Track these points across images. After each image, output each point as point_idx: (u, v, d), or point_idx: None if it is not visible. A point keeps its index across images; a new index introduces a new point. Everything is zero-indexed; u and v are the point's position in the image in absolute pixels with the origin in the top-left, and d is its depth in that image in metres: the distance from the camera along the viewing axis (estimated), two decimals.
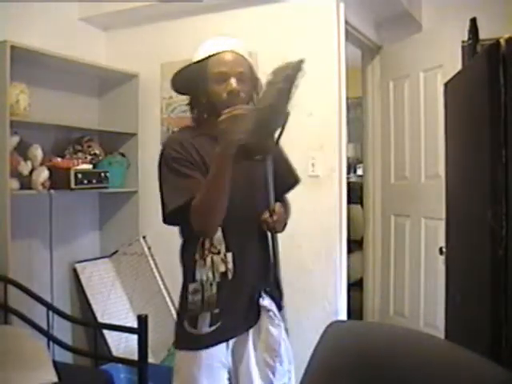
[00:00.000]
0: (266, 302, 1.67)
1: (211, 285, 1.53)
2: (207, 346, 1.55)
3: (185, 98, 1.71)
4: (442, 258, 2.34)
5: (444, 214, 2.14)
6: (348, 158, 3.18)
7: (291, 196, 2.66)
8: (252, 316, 1.64)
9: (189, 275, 1.56)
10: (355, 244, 3.80)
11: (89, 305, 2.81)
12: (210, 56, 1.56)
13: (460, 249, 1.91)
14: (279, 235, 1.74)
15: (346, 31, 2.67)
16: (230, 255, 1.56)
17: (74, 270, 2.90)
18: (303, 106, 2.60)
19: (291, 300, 2.66)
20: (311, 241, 2.58)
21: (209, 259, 1.53)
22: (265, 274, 1.68)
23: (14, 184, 2.39)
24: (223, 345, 1.58)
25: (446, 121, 2.15)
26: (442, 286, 2.25)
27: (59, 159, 2.63)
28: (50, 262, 2.69)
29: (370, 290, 3.50)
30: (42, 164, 2.54)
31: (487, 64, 1.45)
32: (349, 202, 2.73)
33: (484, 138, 1.48)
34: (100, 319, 2.77)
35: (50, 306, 2.37)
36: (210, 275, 1.53)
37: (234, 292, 1.58)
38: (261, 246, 1.68)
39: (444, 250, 2.21)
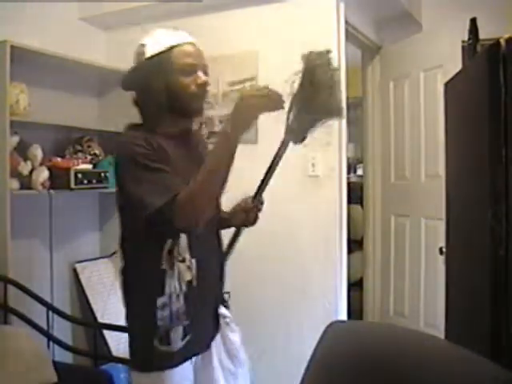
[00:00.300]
0: (222, 309, 1.64)
1: (178, 296, 1.43)
2: (180, 363, 1.44)
3: None
4: (442, 258, 2.34)
5: (444, 214, 2.14)
6: (348, 158, 3.18)
7: (291, 196, 2.68)
8: (214, 325, 1.58)
9: (155, 288, 1.41)
10: (355, 244, 3.80)
11: (89, 305, 2.81)
12: (171, 48, 1.45)
13: (460, 249, 1.91)
14: (280, 235, 1.74)
15: (346, 31, 2.67)
16: (194, 262, 1.45)
17: (74, 270, 2.90)
18: None
19: (291, 300, 2.68)
20: (311, 241, 2.58)
21: (176, 268, 1.42)
22: (222, 278, 1.62)
23: (14, 184, 2.39)
24: (189, 360, 1.49)
25: (446, 121, 2.15)
26: (442, 285, 2.25)
27: (59, 159, 2.63)
28: (50, 262, 2.69)
29: (369, 289, 3.50)
30: (41, 164, 2.53)
31: (487, 64, 1.45)
32: (349, 201, 2.73)
33: (484, 138, 1.48)
34: (100, 319, 2.77)
35: (50, 306, 2.37)
36: (177, 286, 1.43)
37: (200, 301, 1.49)
38: (218, 248, 1.61)
39: (444, 250, 2.21)
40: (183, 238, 1.42)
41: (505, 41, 1.38)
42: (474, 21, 2.05)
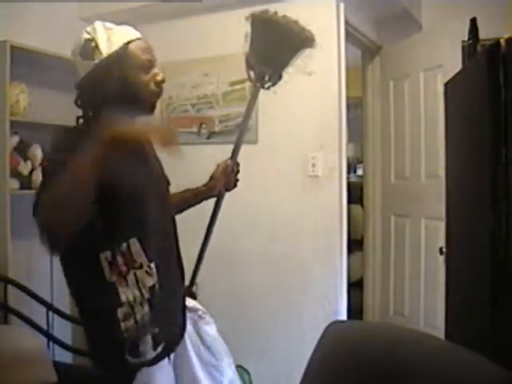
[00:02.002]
0: (192, 302, 1.62)
1: (141, 304, 1.35)
2: (156, 363, 1.38)
3: (188, 97, 1.58)
4: (442, 258, 2.34)
5: (444, 214, 2.14)
6: (348, 158, 3.18)
7: (291, 196, 2.68)
8: (184, 319, 1.54)
9: (110, 300, 1.33)
10: (355, 244, 3.79)
11: None
12: (127, 43, 1.40)
13: (460, 249, 1.91)
14: (280, 235, 1.74)
15: (346, 31, 2.67)
16: (153, 265, 1.38)
17: None
18: (303, 105, 2.61)
19: (291, 300, 2.68)
20: (311, 241, 2.58)
21: (131, 276, 1.34)
22: (183, 274, 1.57)
23: (14, 184, 2.39)
24: (167, 361, 1.43)
25: (446, 121, 2.15)
26: (442, 285, 2.25)
27: None
28: (50, 262, 2.69)
29: (369, 289, 3.50)
30: (41, 164, 2.53)
31: (487, 64, 1.45)
32: (349, 201, 2.73)
33: (484, 138, 1.48)
34: None
35: (50, 306, 2.37)
36: (138, 293, 1.35)
37: (167, 303, 1.42)
38: (177, 244, 1.55)
39: (444, 249, 2.21)
40: (134, 243, 1.34)
41: (505, 41, 1.38)
42: (474, 21, 2.05)
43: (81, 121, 1.50)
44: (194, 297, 1.69)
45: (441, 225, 2.39)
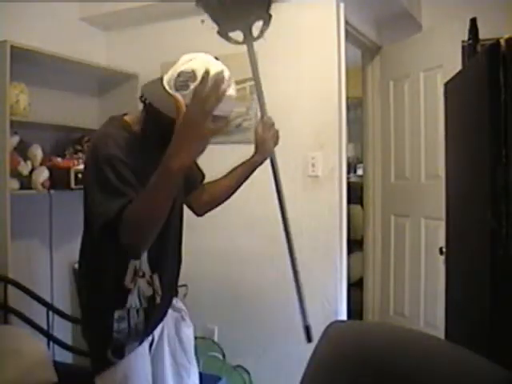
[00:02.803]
0: (179, 303, 1.63)
1: (138, 311, 1.41)
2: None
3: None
4: (442, 258, 2.34)
5: (444, 214, 2.14)
6: (348, 158, 3.18)
7: (291, 196, 2.67)
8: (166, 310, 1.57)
9: (116, 301, 1.39)
10: (355, 244, 3.79)
11: None
12: None
13: (460, 249, 1.91)
14: (280, 235, 1.73)
15: (346, 31, 2.67)
16: (156, 277, 1.43)
17: (74, 270, 2.89)
18: (303, 105, 2.61)
19: (291, 300, 2.67)
20: (311, 241, 2.58)
21: (137, 284, 1.40)
22: (177, 282, 1.61)
23: (14, 184, 2.39)
24: (147, 351, 1.48)
25: (446, 121, 2.15)
26: (442, 285, 2.25)
27: (59, 159, 2.63)
28: (50, 262, 2.69)
29: (369, 289, 3.50)
30: (41, 164, 2.54)
31: (487, 64, 1.45)
32: (349, 202, 2.73)
33: (484, 138, 1.48)
34: None
35: (50, 306, 2.37)
36: (137, 302, 1.41)
37: (159, 313, 1.49)
38: (178, 257, 1.57)
39: (444, 250, 2.21)
40: (145, 254, 1.37)
41: (505, 41, 1.38)
42: (474, 21, 2.05)
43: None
44: (175, 293, 1.66)
45: (441, 225, 2.39)
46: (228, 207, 1.82)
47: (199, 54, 1.31)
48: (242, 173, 1.70)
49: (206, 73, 1.08)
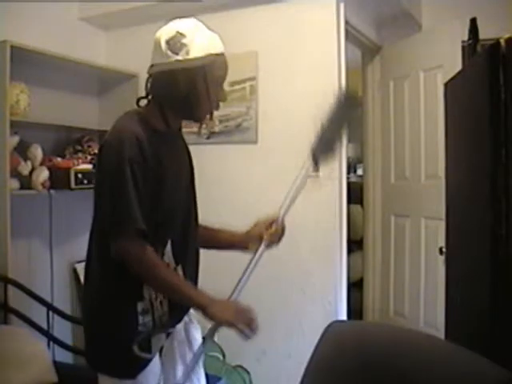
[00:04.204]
0: None
1: (161, 303, 1.40)
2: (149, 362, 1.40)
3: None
4: (442, 258, 2.34)
5: (444, 214, 2.14)
6: (348, 158, 3.18)
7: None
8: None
9: (134, 292, 1.38)
10: (355, 244, 3.79)
11: None
12: (215, 54, 1.38)
13: (460, 249, 1.91)
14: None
15: (346, 31, 2.67)
16: (180, 269, 1.45)
17: (74, 270, 2.89)
18: (303, 105, 2.61)
19: (291, 300, 2.67)
20: (311, 241, 2.58)
21: None
22: (197, 280, 1.60)
23: (14, 184, 2.39)
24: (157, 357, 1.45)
25: (446, 121, 2.15)
26: (442, 285, 2.25)
27: (59, 159, 2.63)
28: (50, 262, 2.69)
29: (369, 289, 3.50)
30: (41, 164, 2.53)
31: (487, 64, 1.45)
32: (349, 201, 2.73)
33: (484, 137, 1.48)
34: None
35: (50, 306, 2.37)
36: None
37: (182, 305, 1.47)
38: (197, 254, 1.58)
39: (444, 250, 2.21)
40: (168, 245, 1.41)
41: (505, 41, 1.38)
42: (474, 21, 2.05)
43: (141, 102, 1.50)
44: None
45: (441, 225, 2.39)
46: (228, 207, 1.82)
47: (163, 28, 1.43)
48: (232, 243, 1.69)
49: None
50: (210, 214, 1.80)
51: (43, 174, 2.49)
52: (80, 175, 2.56)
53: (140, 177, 1.29)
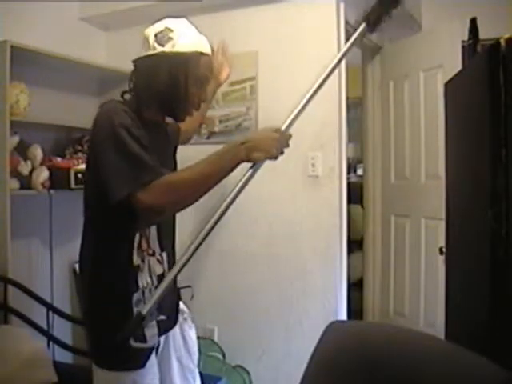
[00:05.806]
0: (181, 304, 1.62)
1: (150, 291, 1.40)
2: (148, 357, 1.40)
3: None
4: (442, 258, 2.34)
5: (444, 214, 2.14)
6: (348, 158, 3.18)
7: (291, 196, 2.68)
8: (175, 318, 1.57)
9: (130, 284, 1.37)
10: (355, 244, 3.79)
11: None
12: (200, 53, 1.42)
13: (460, 249, 1.91)
14: (280, 235, 1.73)
15: (346, 31, 2.67)
16: (164, 255, 1.45)
17: (74, 270, 2.89)
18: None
19: (291, 300, 2.68)
20: (311, 241, 2.58)
21: (146, 262, 1.39)
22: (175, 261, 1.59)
23: (14, 184, 2.39)
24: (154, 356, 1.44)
25: (446, 121, 2.15)
26: (442, 285, 2.25)
27: (59, 159, 2.63)
28: (50, 262, 2.69)
29: (370, 289, 3.50)
30: (41, 164, 2.54)
31: (487, 64, 1.45)
32: (349, 202, 2.73)
33: (484, 137, 1.48)
34: None
35: (50, 306, 2.37)
36: (149, 280, 1.40)
37: (169, 295, 1.44)
38: (173, 234, 1.58)
39: (444, 250, 2.21)
40: (152, 230, 1.40)
41: (505, 41, 1.38)
42: (474, 21, 2.05)
43: (125, 95, 1.51)
44: (179, 297, 1.68)
45: (441, 225, 2.39)
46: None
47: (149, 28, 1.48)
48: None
49: None
50: (209, 213, 1.80)
51: (43, 174, 2.49)
52: (80, 175, 2.56)
53: (137, 136, 1.27)
